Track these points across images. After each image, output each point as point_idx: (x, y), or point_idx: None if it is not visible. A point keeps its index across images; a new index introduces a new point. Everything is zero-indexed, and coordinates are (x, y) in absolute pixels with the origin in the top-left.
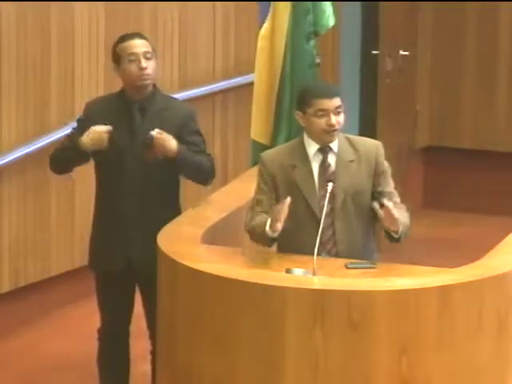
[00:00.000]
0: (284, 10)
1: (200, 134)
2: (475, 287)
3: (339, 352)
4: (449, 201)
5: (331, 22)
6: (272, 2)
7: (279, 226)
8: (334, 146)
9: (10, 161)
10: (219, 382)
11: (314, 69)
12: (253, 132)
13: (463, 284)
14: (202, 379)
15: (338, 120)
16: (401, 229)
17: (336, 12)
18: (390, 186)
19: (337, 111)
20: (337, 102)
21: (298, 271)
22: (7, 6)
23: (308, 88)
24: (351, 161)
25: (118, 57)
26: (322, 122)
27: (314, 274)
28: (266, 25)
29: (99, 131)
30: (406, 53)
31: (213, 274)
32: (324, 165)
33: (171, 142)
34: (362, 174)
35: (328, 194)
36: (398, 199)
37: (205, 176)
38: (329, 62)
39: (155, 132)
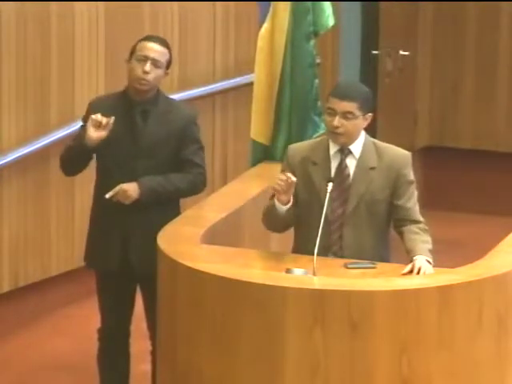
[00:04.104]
0: (284, 10)
1: (198, 141)
2: (475, 287)
3: (339, 352)
4: (449, 201)
5: (331, 21)
6: (272, 2)
7: (284, 197)
8: (356, 149)
9: (10, 161)
10: (219, 382)
11: (314, 69)
12: (252, 132)
13: (463, 284)
14: (201, 379)
15: (345, 124)
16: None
17: (336, 12)
18: (410, 200)
19: (345, 115)
20: (346, 106)
21: (297, 271)
22: (7, 6)
23: (336, 84)
24: (372, 168)
25: (133, 51)
26: (328, 120)
27: (314, 273)
28: (265, 25)
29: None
30: (406, 53)
31: (213, 274)
32: (341, 167)
33: (131, 192)
34: (380, 183)
35: (328, 194)
36: (416, 215)
37: (186, 194)
38: (329, 62)
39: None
